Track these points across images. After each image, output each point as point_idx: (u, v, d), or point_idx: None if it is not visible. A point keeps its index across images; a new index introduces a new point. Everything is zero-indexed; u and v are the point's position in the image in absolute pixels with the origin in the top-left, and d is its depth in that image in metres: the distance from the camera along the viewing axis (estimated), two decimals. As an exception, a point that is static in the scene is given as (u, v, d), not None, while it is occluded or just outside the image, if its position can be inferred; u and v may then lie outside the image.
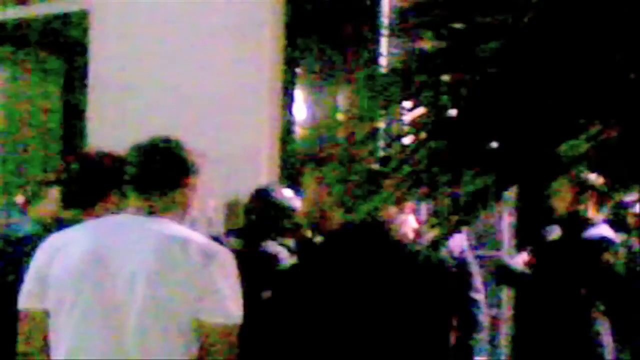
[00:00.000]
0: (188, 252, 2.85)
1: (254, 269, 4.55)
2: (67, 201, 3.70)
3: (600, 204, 5.36)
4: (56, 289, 2.92)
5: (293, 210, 4.82)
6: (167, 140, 3.06)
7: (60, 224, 3.33)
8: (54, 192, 4.44)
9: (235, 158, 6.95)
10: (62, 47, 8.58)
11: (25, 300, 2.99)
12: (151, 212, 2.97)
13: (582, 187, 5.34)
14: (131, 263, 2.84)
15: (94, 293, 2.86)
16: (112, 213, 3.23)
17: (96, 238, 2.94)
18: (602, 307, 5.36)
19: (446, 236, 4.28)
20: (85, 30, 8.07)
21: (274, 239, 4.82)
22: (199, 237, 2.94)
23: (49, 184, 4.79)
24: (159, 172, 3.00)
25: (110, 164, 3.53)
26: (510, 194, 6.61)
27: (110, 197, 3.50)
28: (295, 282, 3.87)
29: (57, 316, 2.92)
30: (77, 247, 2.92)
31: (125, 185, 3.03)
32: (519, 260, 5.76)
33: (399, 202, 3.83)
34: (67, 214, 3.57)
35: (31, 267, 3.00)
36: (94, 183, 3.56)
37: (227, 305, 2.83)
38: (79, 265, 2.89)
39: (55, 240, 3.03)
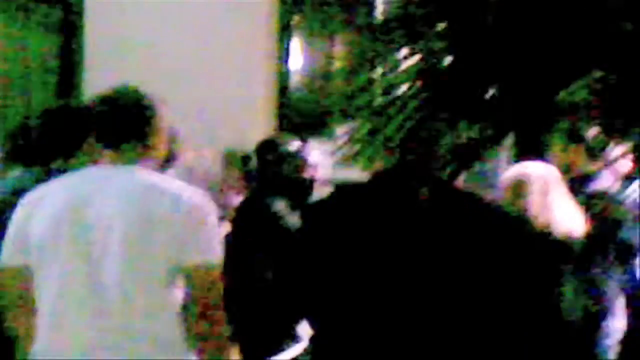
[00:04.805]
0: (163, 199, 2.87)
1: (255, 227, 4.45)
2: (11, 156, 3.77)
3: (592, 156, 5.28)
4: (36, 243, 2.93)
5: (305, 162, 4.60)
6: (127, 91, 3.06)
7: (50, 174, 3.32)
8: None
9: (232, 109, 6.92)
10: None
11: (7, 256, 2.99)
12: (124, 162, 2.98)
13: (574, 139, 5.26)
14: (107, 214, 2.86)
15: (72, 245, 2.87)
16: (88, 164, 3.23)
17: (72, 191, 2.95)
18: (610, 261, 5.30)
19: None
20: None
21: (281, 195, 4.54)
22: (172, 184, 2.96)
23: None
24: (124, 123, 3.00)
25: (74, 117, 3.56)
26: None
27: (83, 148, 3.50)
28: (301, 245, 3.13)
29: (40, 269, 2.93)
30: (54, 200, 2.93)
31: (95, 137, 3.05)
32: None
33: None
34: (56, 164, 3.56)
35: (12, 223, 3.00)
36: (55, 136, 3.60)
37: (205, 244, 2.87)
38: (56, 218, 2.89)
39: (33, 195, 3.03)
